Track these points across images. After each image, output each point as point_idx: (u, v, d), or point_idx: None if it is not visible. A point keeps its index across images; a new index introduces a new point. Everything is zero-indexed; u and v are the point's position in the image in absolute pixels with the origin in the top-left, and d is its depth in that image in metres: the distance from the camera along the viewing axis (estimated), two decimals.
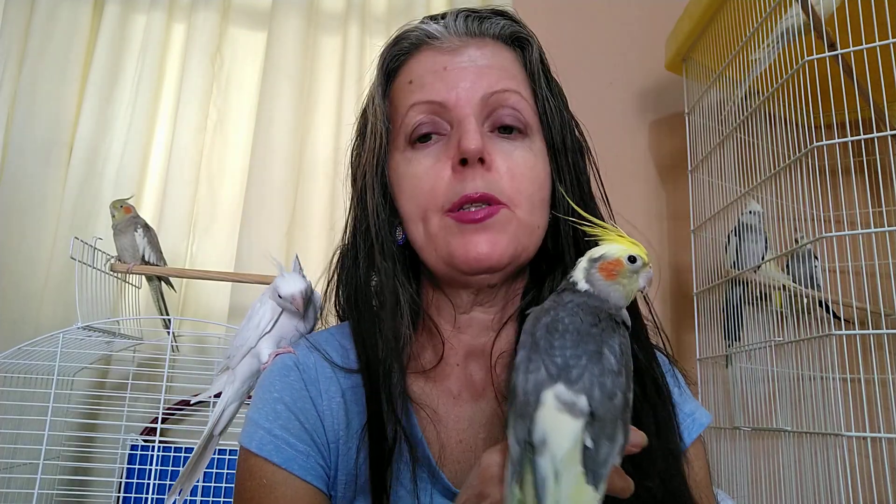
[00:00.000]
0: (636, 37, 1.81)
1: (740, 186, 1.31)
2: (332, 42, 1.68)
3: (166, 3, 1.60)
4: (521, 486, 0.36)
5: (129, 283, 1.40)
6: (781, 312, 1.28)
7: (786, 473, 1.16)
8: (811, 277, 1.35)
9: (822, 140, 1.04)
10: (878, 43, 0.99)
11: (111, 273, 1.33)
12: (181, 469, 0.72)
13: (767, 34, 1.21)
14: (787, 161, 1.12)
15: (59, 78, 1.53)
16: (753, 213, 1.31)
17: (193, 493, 1.26)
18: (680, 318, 1.67)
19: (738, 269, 1.31)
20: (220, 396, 0.71)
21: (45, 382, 1.23)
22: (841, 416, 1.01)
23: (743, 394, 1.28)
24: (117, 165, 1.52)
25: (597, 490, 0.34)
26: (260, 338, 0.67)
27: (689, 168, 1.50)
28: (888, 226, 1.44)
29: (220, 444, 1.25)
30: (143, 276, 1.40)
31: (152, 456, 1.25)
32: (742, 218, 1.33)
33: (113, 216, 1.35)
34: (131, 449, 1.32)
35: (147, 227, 1.36)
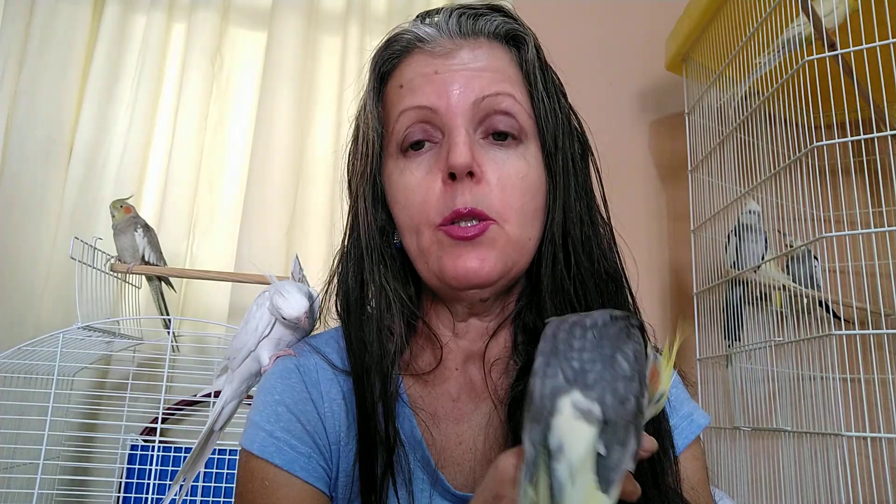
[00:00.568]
0: (636, 37, 1.81)
1: (740, 186, 1.31)
2: (332, 42, 1.68)
3: (166, 3, 1.60)
4: (534, 487, 0.36)
5: (129, 283, 1.40)
6: (781, 312, 1.28)
7: (786, 473, 1.16)
8: (811, 277, 1.35)
9: (822, 140, 1.04)
10: (878, 43, 0.99)
11: (111, 273, 1.33)
12: (180, 468, 0.72)
13: (767, 34, 1.20)
14: (787, 161, 1.12)
15: (59, 78, 1.53)
16: (752, 212, 1.31)
17: (193, 493, 1.26)
18: (680, 319, 1.67)
19: (738, 270, 1.31)
20: (220, 394, 0.71)
21: (45, 382, 1.23)
22: (841, 416, 1.01)
23: (743, 394, 1.28)
24: (117, 165, 1.52)
25: (608, 495, 0.35)
26: (259, 341, 0.67)
27: (689, 168, 1.50)
28: (888, 226, 1.44)
29: (221, 444, 1.26)
30: (143, 276, 1.40)
31: (152, 456, 1.25)
32: (741, 218, 1.33)
33: (113, 216, 1.35)
34: (131, 449, 1.32)
35: (147, 227, 1.36)
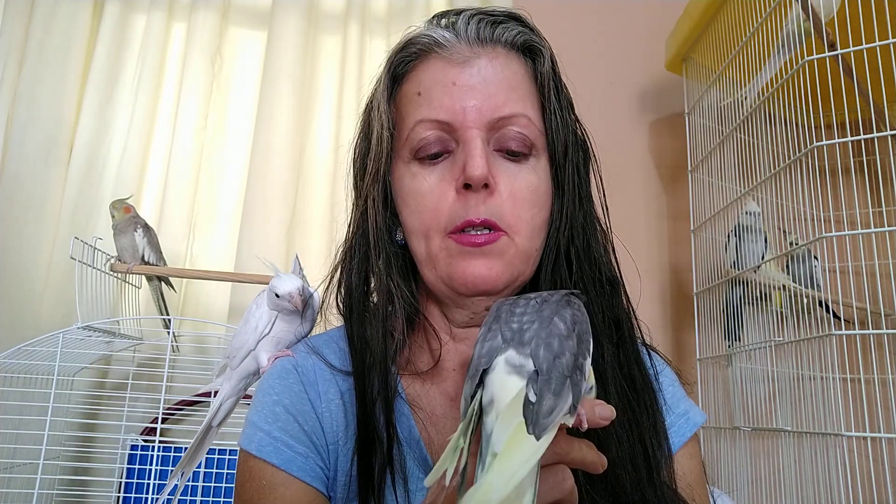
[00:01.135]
0: (636, 37, 1.81)
1: (740, 186, 1.31)
2: (332, 42, 1.68)
3: (166, 3, 1.60)
4: (465, 438, 0.37)
5: (129, 283, 1.40)
6: (781, 312, 1.28)
7: (786, 473, 1.16)
8: (811, 277, 1.35)
9: (822, 140, 1.04)
10: (878, 43, 0.99)
11: (111, 273, 1.33)
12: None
13: (767, 34, 1.20)
14: (787, 161, 1.12)
15: (59, 78, 1.53)
16: (751, 213, 1.31)
17: (193, 493, 1.26)
18: (680, 318, 1.67)
19: (738, 270, 1.31)
20: (218, 392, 0.72)
21: (45, 382, 1.23)
22: (841, 416, 1.01)
23: (743, 394, 1.28)
24: (117, 165, 1.52)
25: (538, 440, 0.35)
26: (259, 340, 0.67)
27: (689, 168, 1.50)
28: (888, 226, 1.44)
29: (220, 444, 1.27)
30: (143, 276, 1.40)
31: (152, 456, 1.25)
32: (741, 219, 1.33)
33: (113, 216, 1.35)
34: (131, 449, 1.32)
35: (147, 227, 1.36)
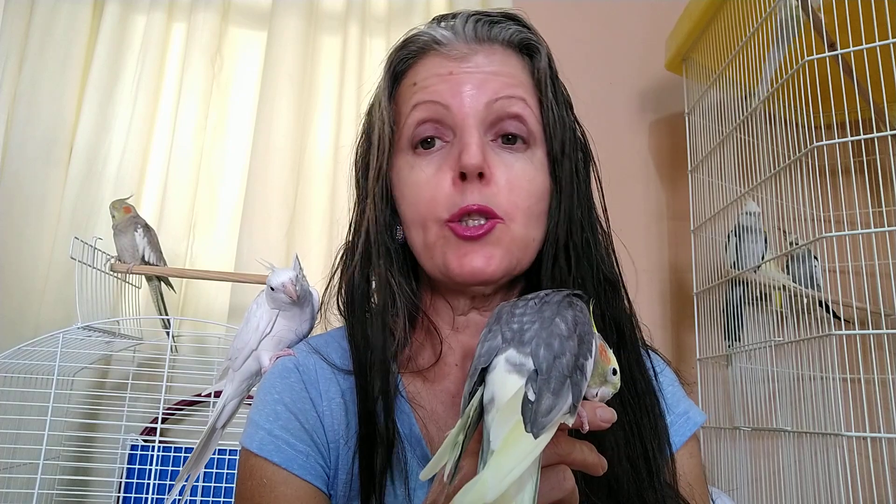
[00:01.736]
0: (636, 37, 1.81)
1: (740, 186, 1.31)
2: (332, 42, 1.68)
3: (166, 3, 1.60)
4: (465, 434, 0.37)
5: (129, 283, 1.40)
6: (781, 312, 1.28)
7: (786, 473, 1.16)
8: (811, 277, 1.35)
9: (822, 140, 1.04)
10: (878, 43, 0.99)
11: (111, 273, 1.33)
12: (182, 467, 0.72)
13: (767, 34, 1.20)
14: (787, 161, 1.12)
15: (59, 78, 1.53)
16: (751, 213, 1.31)
17: (193, 493, 1.26)
18: (680, 318, 1.67)
19: (738, 270, 1.31)
20: (221, 393, 0.72)
21: (45, 382, 1.23)
22: (841, 416, 1.01)
23: (743, 394, 1.28)
24: (117, 165, 1.51)
25: (536, 438, 0.35)
26: (260, 340, 0.67)
27: (689, 168, 1.50)
28: (888, 226, 1.44)
29: (221, 444, 1.26)
30: (143, 276, 1.40)
31: (152, 456, 1.25)
32: (741, 218, 1.33)
33: (113, 216, 1.35)
34: (131, 449, 1.32)
35: (147, 228, 1.36)
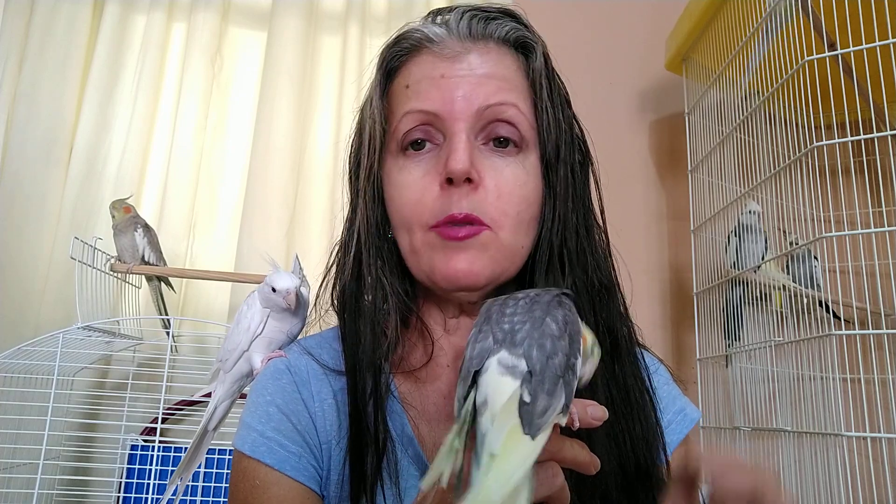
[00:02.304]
0: (636, 37, 1.81)
1: (740, 186, 1.31)
2: (332, 42, 1.68)
3: (166, 3, 1.60)
4: (460, 439, 0.37)
5: (129, 283, 1.40)
6: (781, 312, 1.28)
7: (786, 473, 1.16)
8: (811, 277, 1.35)
9: (822, 140, 1.04)
10: (878, 43, 0.99)
11: (111, 273, 1.33)
12: (175, 469, 0.72)
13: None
14: (787, 161, 1.12)
15: (59, 78, 1.53)
16: (752, 212, 1.31)
17: (193, 493, 1.26)
18: (680, 319, 1.67)
19: (739, 270, 1.31)
20: (212, 395, 0.72)
21: (45, 382, 1.23)
22: (841, 416, 1.01)
23: (743, 394, 1.28)
24: (117, 165, 1.51)
25: (534, 440, 0.35)
26: (252, 340, 0.67)
27: (689, 168, 1.50)
28: (888, 226, 1.44)
29: (220, 445, 1.26)
30: (143, 276, 1.40)
31: (152, 456, 1.25)
32: (741, 218, 1.33)
33: (113, 216, 1.35)
34: (131, 449, 1.32)
35: (147, 227, 1.36)
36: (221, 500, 1.27)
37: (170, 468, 1.27)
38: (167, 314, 1.38)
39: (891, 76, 0.96)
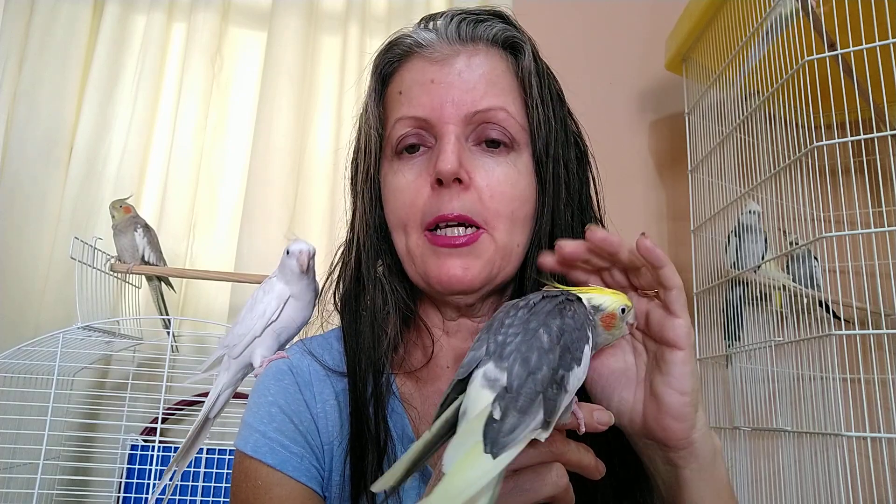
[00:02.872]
0: (636, 37, 1.81)
1: (740, 186, 1.31)
2: (332, 42, 1.68)
3: (166, 3, 1.60)
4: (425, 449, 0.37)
5: (129, 283, 1.40)
6: (781, 312, 1.28)
7: (786, 473, 1.16)
8: (811, 277, 1.35)
9: (822, 140, 1.04)
10: (878, 43, 0.99)
11: (111, 273, 1.33)
12: (172, 457, 0.72)
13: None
14: (787, 161, 1.12)
15: (59, 78, 1.53)
16: (752, 212, 1.31)
17: (193, 493, 1.26)
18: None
19: (739, 270, 1.31)
20: (215, 381, 0.71)
21: (45, 382, 1.23)
22: (841, 416, 1.01)
23: (743, 394, 1.28)
24: (117, 165, 1.52)
25: (496, 458, 0.34)
26: (266, 326, 0.67)
27: (689, 168, 1.50)
28: (888, 226, 1.44)
29: (220, 444, 1.26)
30: (143, 276, 1.40)
31: (152, 456, 1.25)
32: (741, 218, 1.33)
33: (112, 216, 1.35)
34: (131, 449, 1.32)
35: (147, 227, 1.36)
36: (221, 500, 1.27)
37: None
38: (167, 314, 1.38)
39: (891, 76, 0.96)
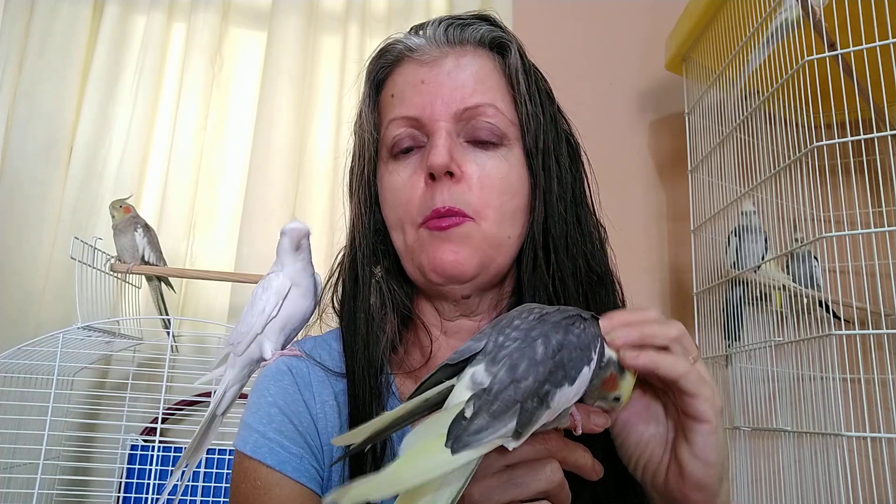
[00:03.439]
0: (636, 37, 1.81)
1: (740, 186, 1.31)
2: (332, 42, 1.68)
3: (166, 3, 1.60)
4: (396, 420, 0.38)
5: (129, 283, 1.40)
6: (781, 312, 1.28)
7: (786, 473, 1.16)
8: (811, 277, 1.35)
9: (822, 140, 1.04)
10: (878, 43, 0.99)
11: (111, 273, 1.33)
12: (182, 455, 0.72)
13: (767, 34, 1.20)
14: (787, 161, 1.12)
15: (59, 78, 1.53)
16: (746, 213, 1.31)
17: (194, 493, 1.26)
18: (680, 318, 1.66)
19: (738, 270, 1.31)
20: (222, 379, 0.71)
21: (45, 382, 1.23)
22: (841, 416, 1.01)
23: (743, 394, 1.28)
24: (117, 165, 1.51)
25: (455, 455, 0.34)
26: (266, 323, 0.67)
27: (689, 168, 1.50)
28: (888, 226, 1.44)
29: (220, 444, 1.26)
30: (143, 276, 1.40)
31: (152, 456, 1.25)
32: (740, 219, 1.33)
33: (112, 216, 1.35)
34: (131, 449, 1.32)
35: (147, 227, 1.36)
36: (221, 500, 1.27)
37: (169, 468, 1.27)
38: (167, 314, 1.38)
39: (891, 76, 0.96)
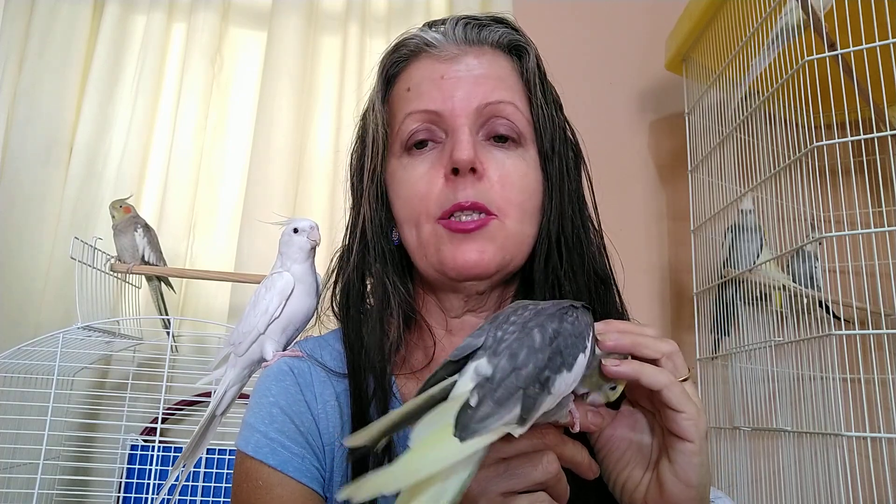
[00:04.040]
0: (636, 37, 1.81)
1: (740, 186, 1.31)
2: (332, 42, 1.68)
3: (166, 4, 1.60)
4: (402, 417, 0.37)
5: (129, 283, 1.40)
6: (781, 312, 1.28)
7: (786, 473, 1.16)
8: (811, 277, 1.35)
9: (822, 140, 1.04)
10: (878, 43, 0.99)
11: (111, 273, 1.33)
12: (180, 455, 0.72)
13: (767, 34, 1.20)
14: (787, 161, 1.12)
15: (59, 78, 1.53)
16: (743, 211, 1.31)
17: (194, 493, 1.26)
18: (679, 318, 1.67)
19: (731, 267, 1.32)
20: (222, 379, 0.71)
21: (45, 382, 1.23)
22: (841, 416, 1.01)
23: (743, 394, 1.28)
24: (117, 165, 1.52)
25: (463, 443, 0.34)
26: (269, 323, 0.67)
27: (689, 168, 1.50)
28: (888, 226, 1.44)
29: (220, 444, 1.26)
30: (143, 276, 1.40)
31: (152, 456, 1.25)
32: (737, 218, 1.33)
33: (112, 216, 1.35)
34: (131, 449, 1.32)
35: (147, 227, 1.36)
36: (221, 500, 1.27)
37: (169, 468, 1.27)
38: (167, 314, 1.38)
39: (891, 76, 0.96)
